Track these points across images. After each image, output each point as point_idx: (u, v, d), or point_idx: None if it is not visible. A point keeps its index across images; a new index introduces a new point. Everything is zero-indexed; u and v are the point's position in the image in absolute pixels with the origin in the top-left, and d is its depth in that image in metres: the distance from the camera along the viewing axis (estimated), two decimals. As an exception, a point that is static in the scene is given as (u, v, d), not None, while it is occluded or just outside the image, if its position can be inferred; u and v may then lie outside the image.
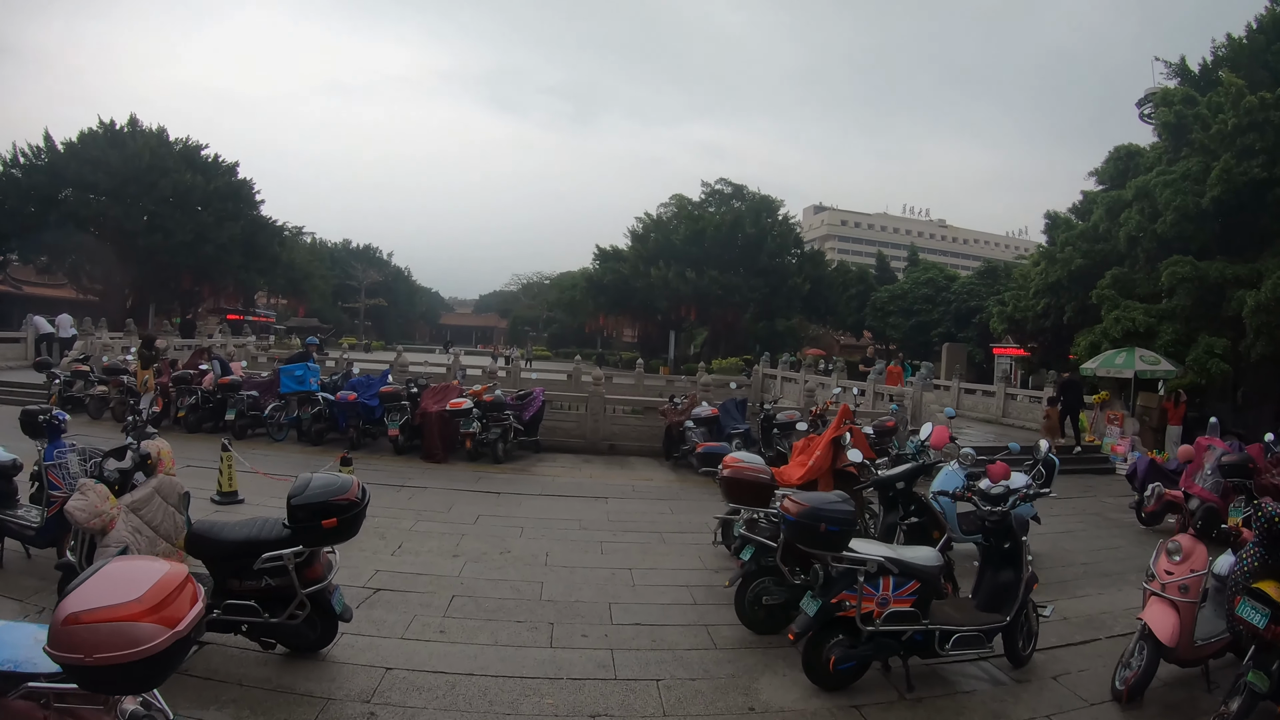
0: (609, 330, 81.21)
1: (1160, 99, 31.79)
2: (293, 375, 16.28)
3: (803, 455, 10.12)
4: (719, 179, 68.54)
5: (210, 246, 50.11)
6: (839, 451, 9.68)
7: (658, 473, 15.43)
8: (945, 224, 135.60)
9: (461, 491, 12.30)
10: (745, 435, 14.75)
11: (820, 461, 9.54)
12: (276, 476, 11.34)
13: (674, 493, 13.42)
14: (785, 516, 5.94)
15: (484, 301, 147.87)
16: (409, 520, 10.23)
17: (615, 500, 12.40)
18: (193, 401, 16.88)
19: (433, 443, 14.89)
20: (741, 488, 7.80)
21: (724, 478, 7.85)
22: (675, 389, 37.28)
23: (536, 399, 16.38)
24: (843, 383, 25.86)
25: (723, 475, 7.84)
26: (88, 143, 49.12)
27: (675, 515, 11.61)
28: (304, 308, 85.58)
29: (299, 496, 5.58)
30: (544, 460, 15.94)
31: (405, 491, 12.05)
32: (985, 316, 58.39)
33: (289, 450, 15.39)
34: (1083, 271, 31.06)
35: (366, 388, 16.21)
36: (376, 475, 13.01)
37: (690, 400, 16.44)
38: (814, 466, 9.50)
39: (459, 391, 15.91)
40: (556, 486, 13.30)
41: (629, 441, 17.56)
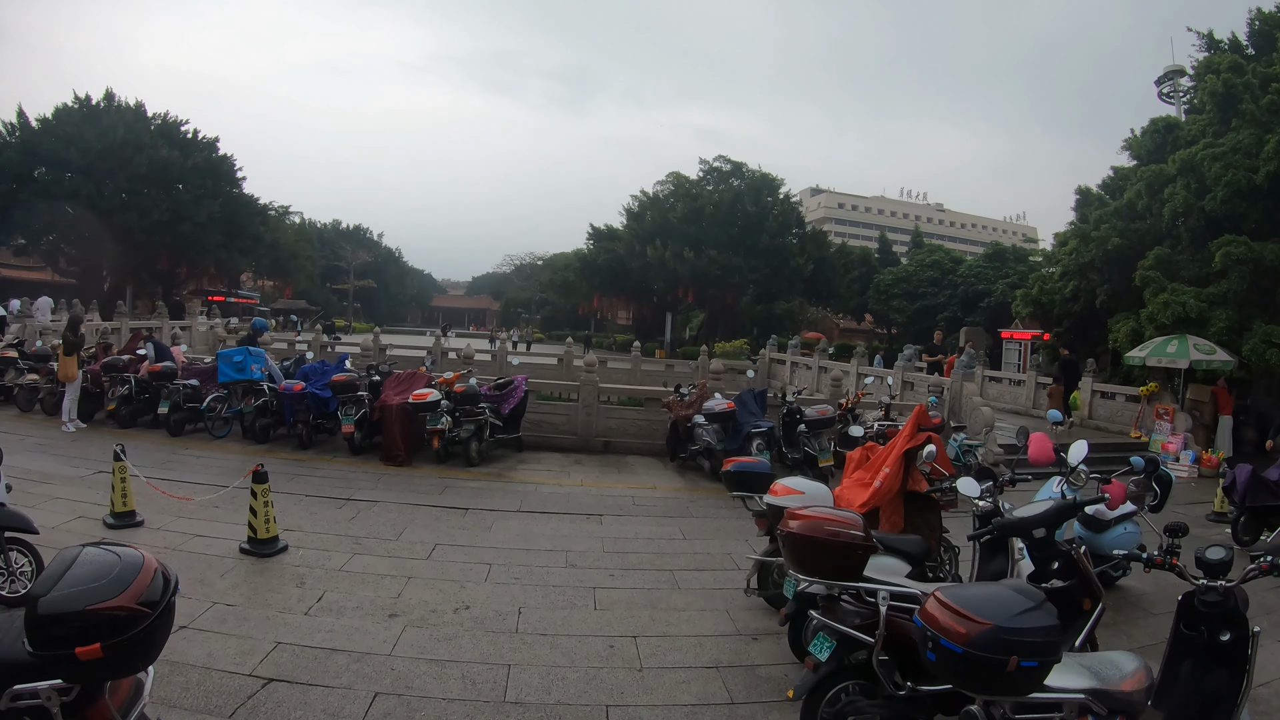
0: (603, 312, 79.24)
1: (1204, 67, 29.32)
2: (231, 362, 13.89)
3: (862, 471, 7.78)
4: (718, 156, 66.13)
5: (188, 225, 48.42)
6: (911, 467, 7.36)
7: (661, 477, 13.05)
8: (943, 208, 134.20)
9: (419, 508, 9.86)
10: (768, 434, 12.34)
11: (889, 482, 7.24)
12: (177, 495, 8.93)
13: (683, 506, 11.03)
14: (940, 641, 3.35)
15: (477, 283, 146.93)
16: (343, 554, 7.84)
17: (612, 519, 9.98)
18: (125, 392, 14.52)
19: (392, 441, 12.48)
20: (822, 552, 4.64)
21: (792, 535, 4.70)
22: (676, 375, 35.07)
23: (518, 389, 13.95)
24: (867, 368, 23.55)
25: (790, 531, 4.72)
26: (62, 119, 47.29)
27: (689, 541, 9.17)
28: (291, 289, 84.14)
29: (45, 600, 2.97)
30: (526, 462, 13.54)
31: (349, 508, 9.64)
32: (993, 300, 56.59)
33: (229, 450, 13.03)
34: (1119, 251, 28.74)
35: (321, 375, 13.82)
36: (319, 484, 10.77)
37: (699, 391, 13.99)
38: (881, 490, 7.20)
39: (426, 380, 13.53)
40: (540, 499, 10.85)
41: (627, 438, 15.16)
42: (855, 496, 7.26)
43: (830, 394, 16.20)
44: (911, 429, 7.57)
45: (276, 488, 10.25)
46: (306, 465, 12.05)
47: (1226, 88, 26.37)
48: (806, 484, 6.14)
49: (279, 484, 10.42)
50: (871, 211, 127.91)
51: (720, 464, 12.81)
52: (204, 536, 8.13)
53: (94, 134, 46.24)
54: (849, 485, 7.66)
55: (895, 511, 7.38)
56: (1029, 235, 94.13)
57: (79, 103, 48.74)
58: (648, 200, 65.63)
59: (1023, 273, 58.82)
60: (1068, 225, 37.24)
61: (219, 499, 9.04)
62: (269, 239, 63.81)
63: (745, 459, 7.27)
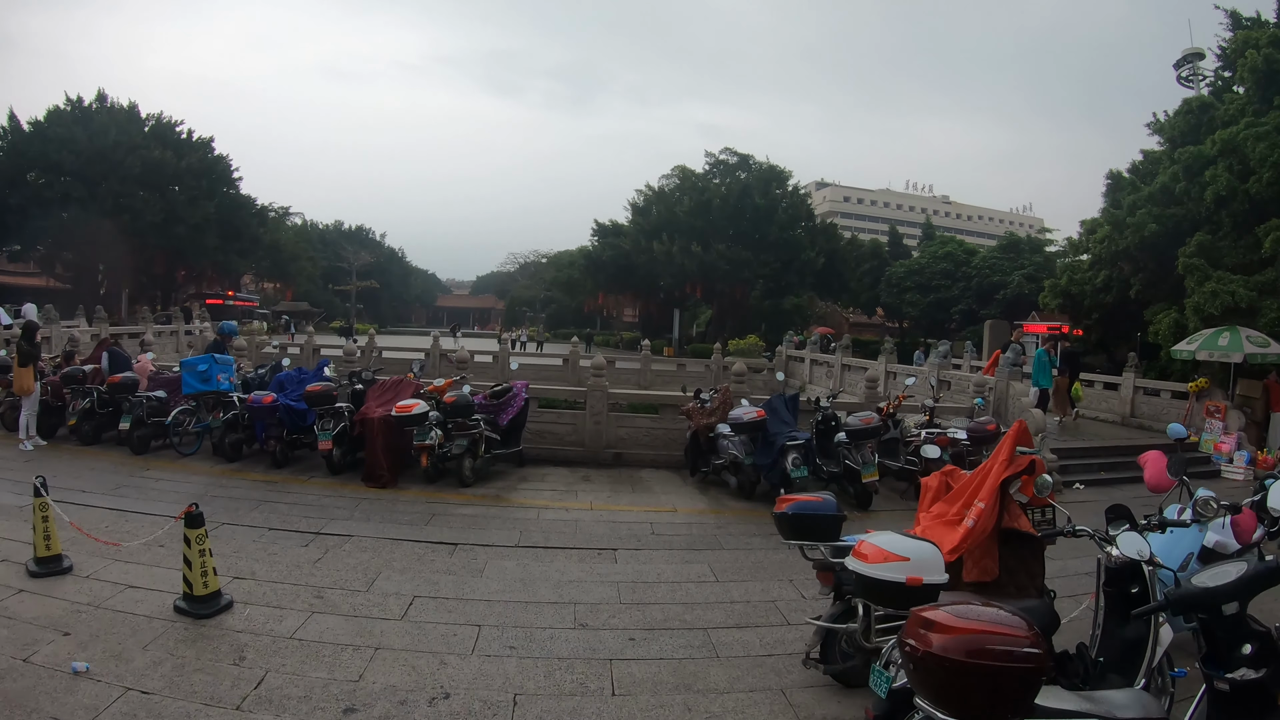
0: (608, 310, 78.02)
1: (1240, 44, 27.76)
2: (195, 371, 12.42)
3: (943, 504, 6.30)
4: (724, 148, 64.34)
5: (183, 227, 47.32)
6: (1008, 499, 5.87)
7: (681, 496, 11.45)
8: (950, 200, 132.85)
9: (399, 544, 8.28)
10: (805, 447, 10.74)
11: (985, 520, 5.73)
12: (103, 539, 7.41)
13: (711, 534, 9.42)
14: None
15: (481, 283, 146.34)
16: (299, 612, 6.31)
17: (628, 555, 8.38)
18: (87, 405, 13.07)
19: (374, 460, 10.94)
20: (983, 685, 2.87)
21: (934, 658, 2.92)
22: (689, 375, 33.47)
23: (517, 397, 12.36)
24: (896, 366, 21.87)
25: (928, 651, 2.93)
26: (54, 121, 46.16)
27: (722, 585, 7.55)
28: (292, 291, 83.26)
29: None
30: (528, 480, 11.97)
31: (315, 546, 8.08)
32: (1009, 292, 55.12)
33: (195, 470, 11.53)
34: (1155, 238, 27.17)
35: (297, 384, 12.31)
36: (286, 513, 9.29)
37: (723, 396, 12.39)
38: (976, 530, 5.72)
39: (414, 389, 11.99)
40: (542, 529, 9.24)
41: (640, 450, 13.59)
42: (940, 538, 5.75)
43: (865, 397, 14.60)
44: (1010, 451, 6.06)
45: (237, 518, 8.86)
46: (276, 489, 10.53)
47: (1268, 64, 24.87)
48: (903, 542, 4.57)
49: (240, 514, 9.05)
50: (877, 205, 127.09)
51: (749, 479, 11.29)
52: (138, 588, 6.63)
53: (85, 136, 45.12)
54: (930, 523, 6.15)
55: (987, 555, 5.87)
56: (1036, 226, 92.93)
57: (71, 104, 47.74)
58: (653, 194, 64.09)
59: (1038, 263, 57.57)
60: (1098, 212, 35.72)
61: (166, 535, 7.49)
62: (268, 240, 62.67)
63: (805, 497, 5.65)
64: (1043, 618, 4.65)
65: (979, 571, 5.82)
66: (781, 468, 10.52)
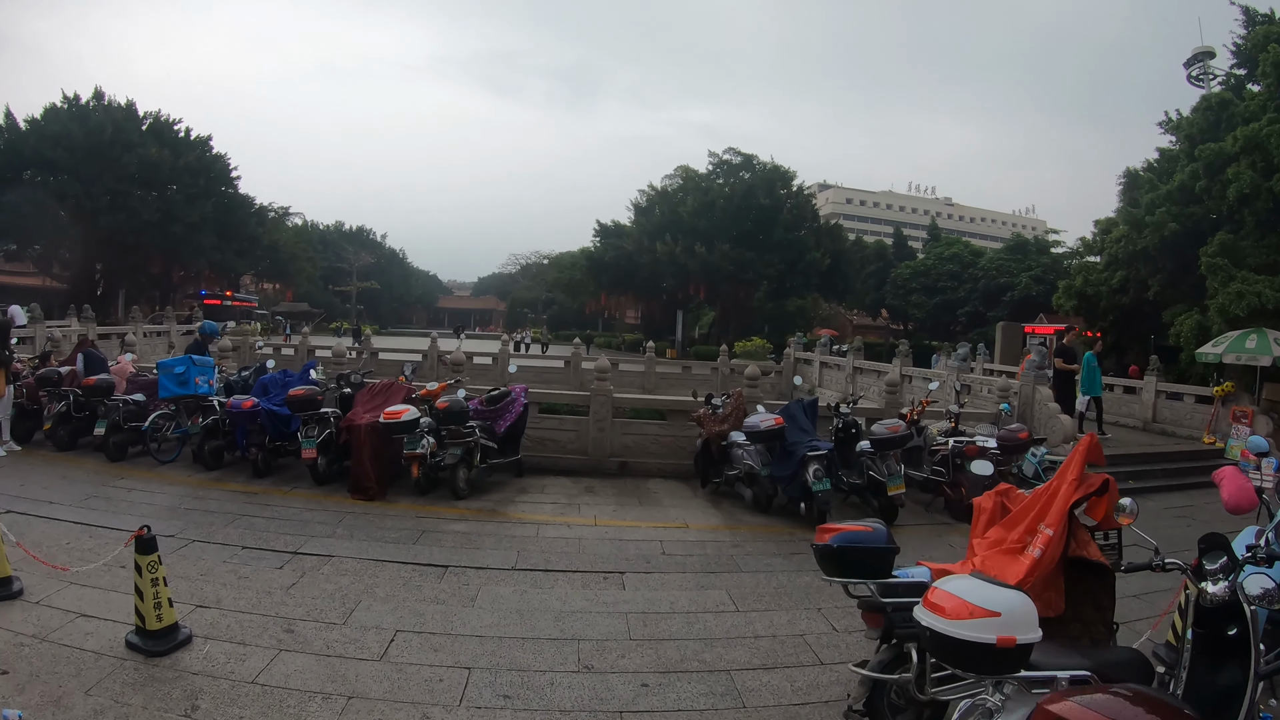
0: (610, 311, 77.59)
1: (1260, 38, 26.98)
2: (172, 374, 11.65)
3: (1000, 529, 5.50)
4: (727, 148, 63.52)
5: (179, 226, 46.79)
6: (1075, 525, 5.09)
7: (692, 509, 10.61)
8: (952, 202, 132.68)
9: (384, 567, 7.48)
10: (828, 458, 9.91)
11: (1054, 548, 4.94)
12: (52, 564, 6.59)
13: (726, 555, 8.57)
14: None
15: (482, 284, 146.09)
16: (265, 649, 5.53)
17: (637, 580, 7.54)
18: (62, 409, 12.29)
19: (361, 470, 10.12)
20: None
21: None
22: (695, 378, 32.72)
23: (515, 403, 11.51)
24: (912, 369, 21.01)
25: None
26: (51, 119, 45.70)
27: (744, 616, 6.73)
28: (292, 292, 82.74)
29: None
30: (527, 491, 11.14)
31: (291, 568, 7.29)
32: (1016, 294, 54.45)
33: (171, 479, 10.72)
34: (1175, 237, 26.43)
35: (282, 388, 11.54)
36: (263, 529, 8.52)
37: (735, 401, 11.57)
38: (1044, 561, 4.92)
39: (405, 393, 11.20)
40: (542, 549, 8.40)
41: (647, 458, 12.78)
42: (1001, 569, 4.98)
43: (885, 402, 13.78)
44: (1080, 468, 5.25)
45: (209, 535, 8.07)
46: (256, 501, 9.74)
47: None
48: (988, 590, 3.72)
49: (213, 529, 8.26)
50: (880, 206, 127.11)
51: (765, 491, 10.45)
52: (90, 617, 5.87)
53: (82, 133, 44.52)
54: (988, 552, 5.36)
55: (1051, 587, 5.07)
56: (1040, 228, 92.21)
57: (68, 102, 47.27)
58: (656, 194, 63.47)
59: (1046, 265, 56.94)
60: (1113, 211, 35.09)
61: (125, 554, 6.71)
62: (267, 240, 62.10)
63: (851, 526, 4.79)
64: (1136, 672, 3.92)
65: (1041, 606, 5.00)
66: (802, 480, 9.68)
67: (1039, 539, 5.12)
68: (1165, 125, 34.85)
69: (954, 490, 11.05)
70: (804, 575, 7.78)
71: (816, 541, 4.77)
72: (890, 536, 4.80)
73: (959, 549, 9.36)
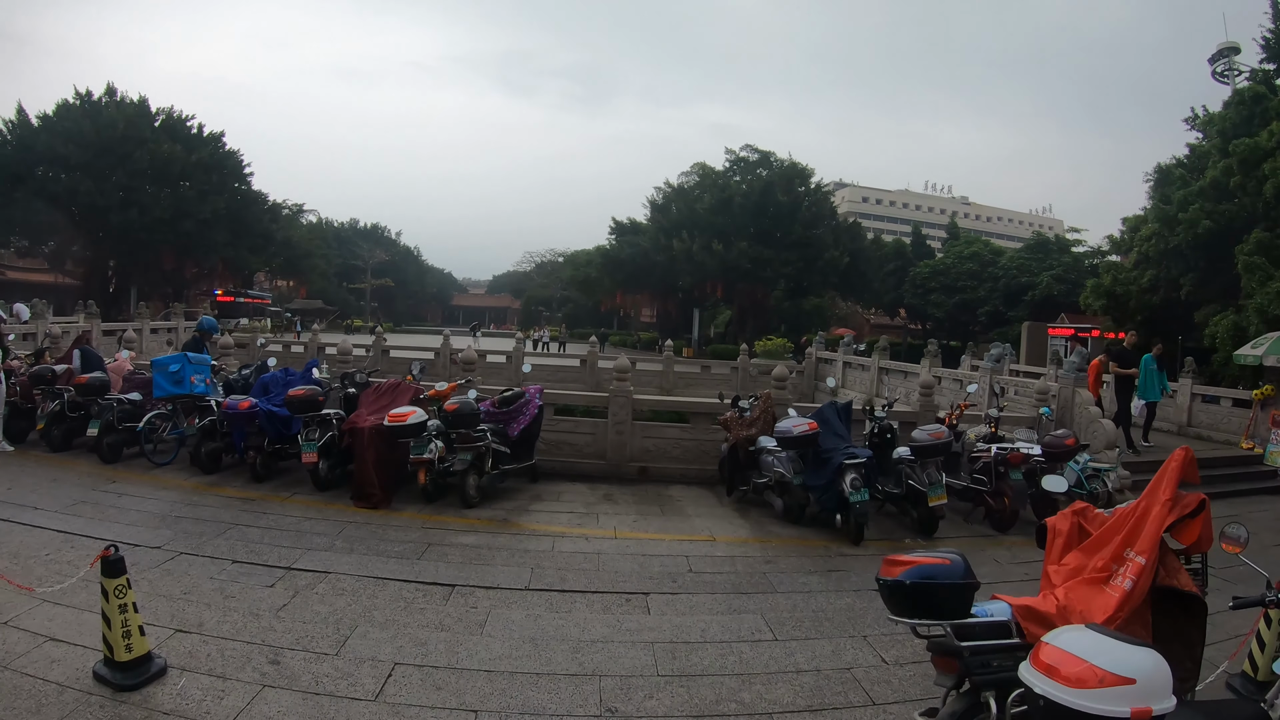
0: (626, 309, 77.10)
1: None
2: (167, 372, 11.06)
3: (1080, 554, 4.82)
4: (744, 145, 62.77)
5: (191, 222, 46.51)
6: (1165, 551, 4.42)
7: (718, 520, 9.89)
8: (969, 201, 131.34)
9: (385, 585, 6.81)
10: (867, 466, 9.16)
11: (1145, 581, 4.26)
12: (18, 582, 5.94)
13: (759, 573, 7.83)
14: None
15: (497, 282, 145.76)
16: (247, 685, 4.88)
17: (663, 603, 6.83)
18: (56, 408, 11.70)
19: (364, 476, 9.46)
20: None
21: None
22: (715, 378, 31.98)
23: (529, 404, 10.81)
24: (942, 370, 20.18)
25: None
26: (63, 115, 45.61)
27: (783, 646, 6.02)
28: (305, 289, 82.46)
29: None
30: (542, 498, 10.45)
31: (284, 586, 6.64)
32: (1037, 293, 53.65)
33: (165, 483, 10.12)
34: (1208, 235, 25.62)
35: (283, 387, 10.89)
36: (257, 540, 7.88)
37: (763, 404, 10.85)
38: (1136, 593, 4.23)
39: (412, 394, 10.53)
40: (558, 565, 7.70)
41: (668, 463, 12.10)
42: (1086, 603, 4.30)
43: (920, 405, 13.03)
44: (1173, 487, 4.57)
45: (198, 546, 7.42)
46: (252, 508, 9.11)
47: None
48: (1115, 649, 2.99)
49: (203, 540, 7.63)
50: (896, 205, 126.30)
51: (797, 501, 9.75)
52: (60, 642, 5.27)
53: (92, 129, 44.29)
54: (1068, 582, 4.65)
55: (1137, 621, 4.38)
56: (1056, 227, 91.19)
57: (80, 99, 47.05)
58: (673, 192, 62.78)
59: (1067, 264, 56.10)
60: (1140, 209, 34.28)
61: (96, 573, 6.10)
62: (281, 237, 61.72)
63: (925, 559, 4.04)
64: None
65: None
66: (838, 489, 8.94)
67: (1129, 568, 4.44)
68: (1192, 121, 34.08)
69: (996, 500, 10.33)
70: (844, 596, 7.11)
71: (884, 575, 4.08)
72: (969, 569, 4.10)
73: (1004, 564, 8.68)
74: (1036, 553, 9.18)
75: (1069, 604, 4.37)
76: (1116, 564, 4.55)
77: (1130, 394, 15.79)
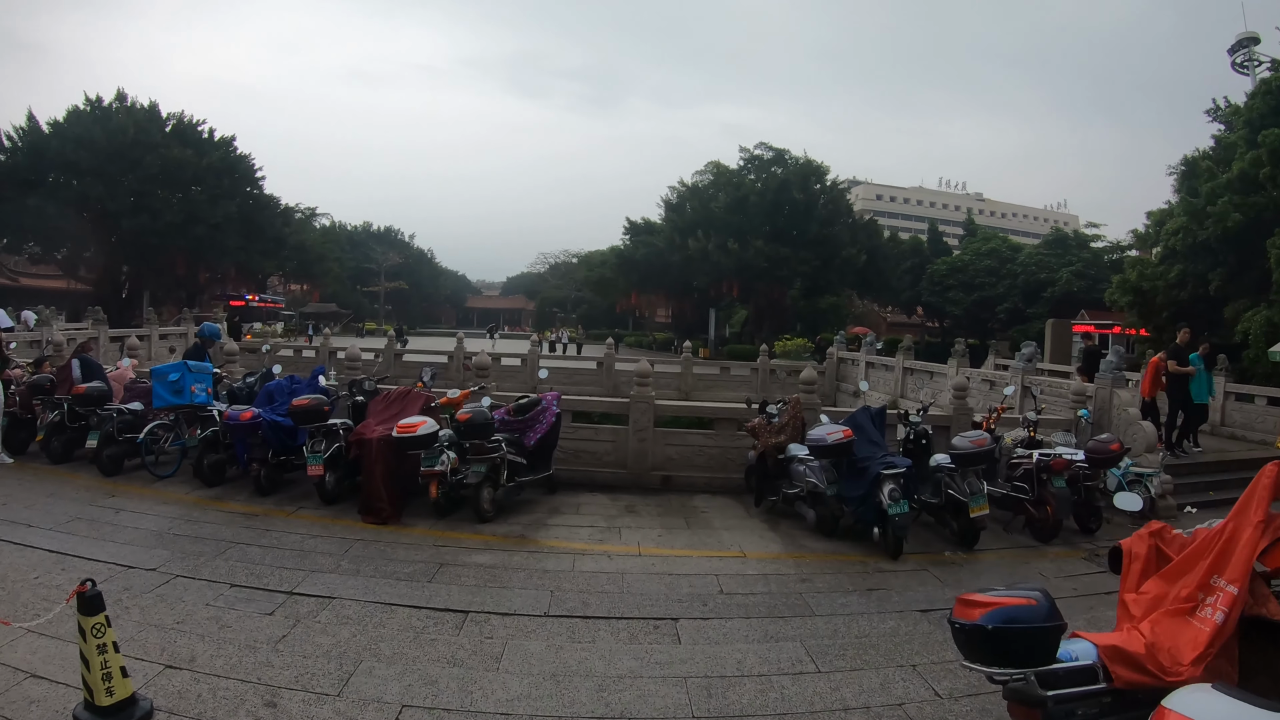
0: (641, 310, 76.57)
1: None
2: (166, 381, 10.64)
3: (1160, 581, 4.40)
4: (758, 143, 62.06)
5: (202, 227, 46.29)
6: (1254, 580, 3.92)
7: (748, 533, 9.33)
8: (984, 197, 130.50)
9: (394, 611, 6.30)
10: (906, 476, 8.60)
11: (1236, 610, 3.80)
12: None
13: (795, 593, 7.28)
14: None
15: (511, 283, 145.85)
16: (233, 735, 4.42)
17: (694, 629, 6.28)
18: (56, 419, 11.32)
19: (373, 490, 8.97)
20: None
21: None
22: (735, 380, 31.43)
23: (546, 412, 10.25)
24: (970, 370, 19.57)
25: None
26: (73, 121, 45.25)
27: (827, 678, 5.46)
28: (319, 292, 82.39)
29: None
30: (561, 511, 9.91)
31: (284, 614, 6.14)
32: (1057, 290, 52.93)
33: (166, 497, 9.69)
34: (1238, 229, 24.95)
35: (289, 395, 10.42)
36: (258, 561, 7.43)
37: (793, 409, 10.29)
38: (1227, 626, 3.82)
39: (423, 403, 10.02)
40: (579, 586, 7.16)
41: (692, 471, 11.55)
42: (1174, 639, 3.80)
43: (954, 409, 12.44)
44: (1265, 508, 4.06)
45: (195, 569, 6.95)
46: (255, 524, 8.64)
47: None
48: (1240, 711, 2.53)
49: (201, 561, 7.19)
50: (910, 203, 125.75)
51: (830, 513, 9.20)
52: (41, 679, 4.84)
53: (103, 134, 44.04)
54: (1149, 613, 4.14)
55: (1225, 655, 3.89)
56: (1071, 223, 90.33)
57: (90, 104, 46.90)
58: (687, 191, 62.24)
59: (1086, 260, 55.35)
60: (1164, 202, 33.60)
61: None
62: (293, 241, 61.34)
63: (1007, 599, 3.47)
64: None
65: (1210, 677, 3.84)
66: (875, 501, 8.39)
67: (1219, 598, 3.94)
68: (1214, 113, 33.42)
69: (1038, 509, 9.74)
70: (887, 618, 6.59)
71: (959, 618, 3.56)
72: (1054, 608, 3.58)
73: (1051, 578, 8.11)
74: (1084, 565, 8.69)
75: (1156, 640, 3.89)
76: (1203, 593, 4.06)
77: (1185, 394, 15.08)
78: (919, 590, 7.44)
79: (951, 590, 7.31)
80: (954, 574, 8.06)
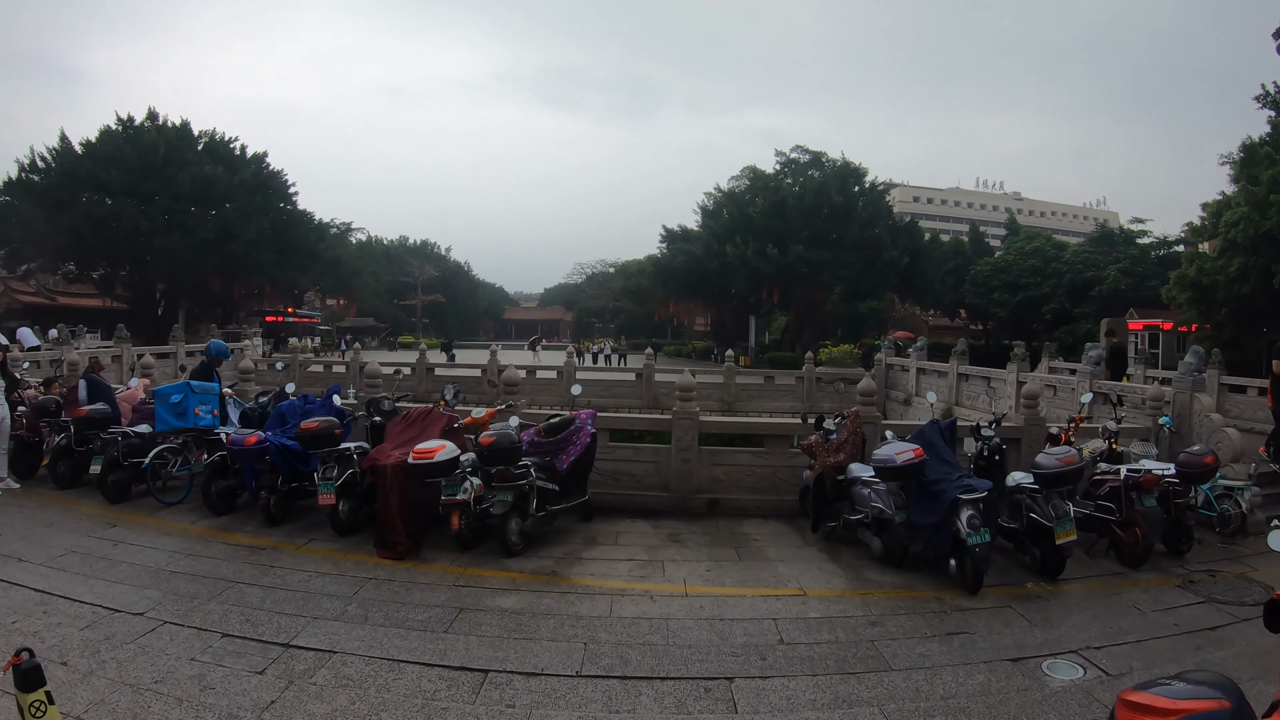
0: (679, 318, 75.84)
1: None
2: (169, 403, 9.94)
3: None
4: (795, 146, 61.38)
5: (236, 243, 46.51)
6: None
7: (805, 564, 8.35)
8: (1021, 196, 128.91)
9: (403, 670, 5.43)
10: (986, 501, 7.55)
11: None
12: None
13: (866, 641, 6.28)
14: None
15: (549, 294, 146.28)
16: None
17: (752, 694, 5.30)
18: (62, 442, 10.73)
19: (388, 521, 8.10)
20: None
21: None
22: (781, 390, 30.30)
23: (580, 433, 9.27)
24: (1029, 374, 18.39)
25: None
26: (106, 141, 45.84)
27: None
28: (355, 307, 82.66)
29: None
30: (597, 543, 8.95)
31: (276, 671, 5.31)
32: (1105, 288, 51.36)
33: (170, 527, 9.01)
34: (1302, 219, 23.70)
35: (302, 416, 9.61)
36: (257, 604, 6.66)
37: (853, 425, 9.28)
38: None
39: (445, 424, 9.15)
40: (616, 638, 6.20)
41: (741, 494, 10.55)
42: None
43: (1025, 420, 11.31)
44: None
45: (186, 614, 6.16)
46: (260, 559, 7.84)
47: None
48: None
49: (194, 604, 6.46)
50: (948, 204, 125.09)
51: (899, 540, 8.15)
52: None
53: (135, 154, 44.48)
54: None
55: None
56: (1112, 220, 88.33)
57: (122, 124, 47.40)
58: (723, 197, 61.63)
59: (1133, 256, 53.76)
60: (1218, 194, 32.25)
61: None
62: (328, 256, 61.35)
63: (1194, 706, 2.58)
64: None
65: None
66: (951, 529, 7.40)
67: None
68: (1264, 99, 32.07)
69: (1126, 531, 8.65)
70: (975, 671, 5.62)
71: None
72: (1244, 704, 2.63)
73: (1147, 612, 7.07)
74: (1181, 595, 7.59)
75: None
76: None
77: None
78: (1005, 633, 6.43)
79: (1041, 632, 6.37)
80: (1041, 610, 7.03)
